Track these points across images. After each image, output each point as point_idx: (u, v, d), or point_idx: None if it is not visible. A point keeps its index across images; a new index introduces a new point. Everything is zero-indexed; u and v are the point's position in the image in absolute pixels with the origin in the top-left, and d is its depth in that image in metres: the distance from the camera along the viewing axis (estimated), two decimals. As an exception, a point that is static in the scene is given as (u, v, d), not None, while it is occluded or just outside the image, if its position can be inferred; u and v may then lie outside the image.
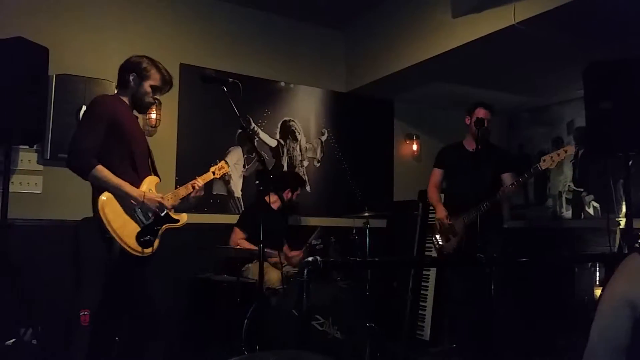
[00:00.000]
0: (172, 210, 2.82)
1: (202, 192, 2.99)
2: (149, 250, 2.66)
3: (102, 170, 2.58)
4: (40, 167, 3.90)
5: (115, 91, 2.90)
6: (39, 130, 3.56)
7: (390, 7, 4.79)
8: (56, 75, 3.83)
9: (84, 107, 3.85)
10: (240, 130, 4.64)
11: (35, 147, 3.83)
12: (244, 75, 4.77)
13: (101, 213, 2.56)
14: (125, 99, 2.81)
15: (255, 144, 4.77)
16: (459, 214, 3.78)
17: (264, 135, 4.94)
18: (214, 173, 3.05)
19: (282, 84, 5.08)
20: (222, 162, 3.14)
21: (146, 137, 2.99)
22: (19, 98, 3.24)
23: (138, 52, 2.92)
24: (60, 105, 3.83)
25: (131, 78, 2.78)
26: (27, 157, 3.85)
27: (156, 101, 2.91)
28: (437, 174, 4.11)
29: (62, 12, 4.07)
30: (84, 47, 4.12)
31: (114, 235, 2.57)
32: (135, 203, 2.65)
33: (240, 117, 2.93)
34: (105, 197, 2.58)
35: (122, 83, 2.83)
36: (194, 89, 4.48)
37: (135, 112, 2.87)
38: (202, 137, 4.58)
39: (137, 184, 2.71)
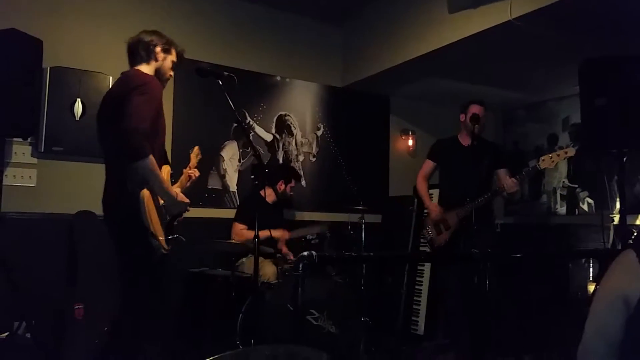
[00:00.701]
0: None
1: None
2: (168, 247, 2.61)
3: (153, 162, 2.37)
4: (35, 160, 3.87)
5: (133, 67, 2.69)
6: (33, 124, 3.53)
7: (388, 2, 4.78)
8: (50, 67, 3.80)
9: (79, 101, 3.86)
10: (235, 125, 4.63)
11: (29, 140, 3.81)
12: (239, 69, 4.74)
13: (147, 207, 2.41)
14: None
15: (251, 138, 4.77)
16: (452, 207, 3.80)
17: (259, 130, 4.93)
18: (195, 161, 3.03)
19: (278, 78, 5.06)
20: (196, 148, 3.08)
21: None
22: (12, 91, 3.21)
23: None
24: (54, 98, 3.82)
25: (158, 50, 2.66)
26: (21, 150, 3.82)
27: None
28: (429, 165, 4.12)
29: (56, 3, 4.03)
30: (79, 40, 4.09)
31: (155, 232, 2.45)
32: (165, 202, 2.53)
33: (235, 111, 2.92)
34: (146, 191, 2.42)
35: (145, 56, 2.64)
36: (189, 83, 4.45)
37: None
38: (198, 131, 4.56)
39: None
